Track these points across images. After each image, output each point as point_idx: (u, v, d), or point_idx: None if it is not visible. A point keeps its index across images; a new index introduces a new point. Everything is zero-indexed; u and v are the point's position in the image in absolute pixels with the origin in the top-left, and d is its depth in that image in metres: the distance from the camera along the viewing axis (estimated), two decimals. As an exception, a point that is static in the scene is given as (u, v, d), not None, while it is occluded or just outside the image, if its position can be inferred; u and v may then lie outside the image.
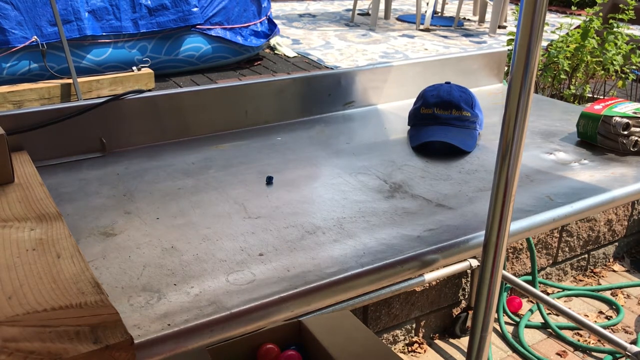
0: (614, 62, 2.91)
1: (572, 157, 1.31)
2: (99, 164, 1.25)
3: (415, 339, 2.11)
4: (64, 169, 1.22)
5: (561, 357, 2.03)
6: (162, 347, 0.69)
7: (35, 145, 1.21)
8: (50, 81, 2.98)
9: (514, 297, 2.28)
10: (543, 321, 2.20)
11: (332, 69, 3.59)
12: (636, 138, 1.32)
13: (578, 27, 3.03)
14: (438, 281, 2.08)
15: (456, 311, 2.19)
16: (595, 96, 3.20)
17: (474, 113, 1.38)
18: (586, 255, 2.54)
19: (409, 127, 1.47)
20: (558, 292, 2.41)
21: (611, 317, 2.25)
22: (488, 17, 5.63)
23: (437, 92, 1.40)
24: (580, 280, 2.52)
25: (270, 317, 0.77)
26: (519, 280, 2.02)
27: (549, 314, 2.24)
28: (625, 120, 1.32)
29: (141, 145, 1.34)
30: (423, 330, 2.12)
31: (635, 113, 1.34)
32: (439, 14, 6.17)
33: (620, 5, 3.13)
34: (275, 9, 6.13)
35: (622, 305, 2.29)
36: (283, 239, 0.94)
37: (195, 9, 3.41)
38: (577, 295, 2.39)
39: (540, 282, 2.42)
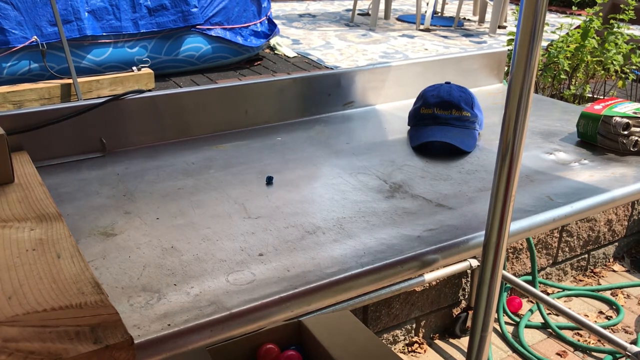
0: (614, 62, 2.91)
1: (572, 157, 1.31)
2: (99, 164, 1.25)
3: (415, 339, 2.11)
4: (64, 169, 1.22)
5: (561, 357, 2.03)
6: (162, 347, 0.69)
7: (35, 145, 1.21)
8: (50, 81, 2.98)
9: (514, 297, 2.28)
10: (543, 321, 2.20)
11: (332, 69, 3.59)
12: (636, 138, 1.32)
13: (578, 27, 3.03)
14: (438, 281, 2.08)
15: (456, 311, 2.19)
16: (595, 96, 3.20)
17: (474, 113, 1.38)
18: (586, 255, 2.54)
19: (408, 127, 1.47)
20: (558, 292, 2.40)
21: (611, 317, 2.25)
22: (488, 17, 5.63)
23: (437, 92, 1.40)
24: (580, 280, 2.52)
25: (270, 317, 0.77)
26: (519, 280, 2.02)
27: (549, 314, 2.24)
28: (625, 120, 1.32)
29: (141, 145, 1.34)
30: (423, 330, 2.12)
31: (635, 113, 1.34)
32: (439, 14, 6.17)
33: (621, 5, 3.13)
34: (275, 9, 6.13)
35: (622, 305, 2.29)
36: (283, 239, 0.94)
37: (194, 9, 3.41)
38: (577, 295, 2.39)
39: (540, 282, 2.42)
